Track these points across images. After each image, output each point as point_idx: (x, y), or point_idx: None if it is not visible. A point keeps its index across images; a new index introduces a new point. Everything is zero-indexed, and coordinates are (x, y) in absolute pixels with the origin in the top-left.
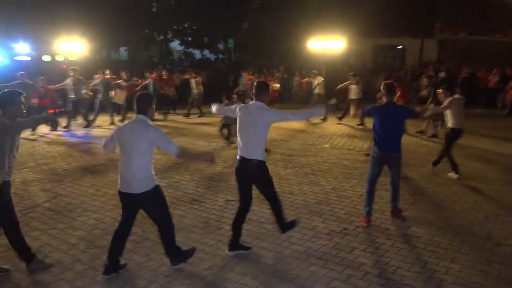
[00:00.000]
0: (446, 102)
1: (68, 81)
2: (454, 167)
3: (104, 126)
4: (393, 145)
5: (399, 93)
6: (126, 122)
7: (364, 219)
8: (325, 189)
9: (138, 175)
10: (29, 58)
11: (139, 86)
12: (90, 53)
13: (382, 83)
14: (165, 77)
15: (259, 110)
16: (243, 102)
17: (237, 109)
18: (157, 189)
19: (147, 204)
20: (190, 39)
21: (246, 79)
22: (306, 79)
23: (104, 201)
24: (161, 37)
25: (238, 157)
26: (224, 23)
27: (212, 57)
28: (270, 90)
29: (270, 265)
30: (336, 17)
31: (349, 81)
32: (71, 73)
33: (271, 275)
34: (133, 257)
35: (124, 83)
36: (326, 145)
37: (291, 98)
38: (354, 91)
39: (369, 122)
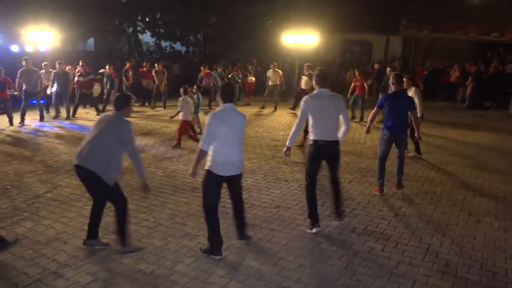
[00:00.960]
0: (412, 92)
1: (19, 72)
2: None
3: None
4: (401, 127)
5: (359, 83)
6: (217, 112)
7: (377, 188)
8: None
9: (242, 157)
10: None
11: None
12: (61, 43)
13: (392, 73)
14: (144, 69)
15: (334, 96)
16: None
17: (307, 99)
18: None
19: (239, 182)
20: (162, 31)
21: (203, 73)
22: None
23: None
24: (131, 28)
25: (317, 141)
26: (194, 15)
27: (182, 49)
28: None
29: (283, 244)
30: (306, 13)
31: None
32: (23, 63)
33: (287, 253)
34: (152, 241)
35: (81, 78)
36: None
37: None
38: (304, 82)
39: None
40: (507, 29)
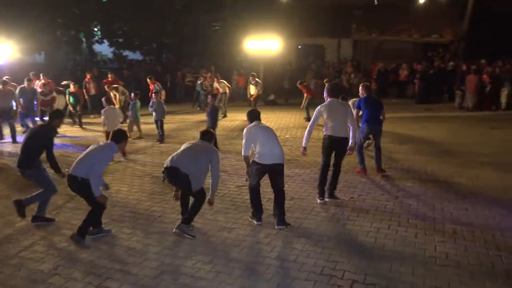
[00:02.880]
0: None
1: None
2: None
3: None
4: (378, 121)
5: (305, 90)
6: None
7: (360, 170)
8: (315, 170)
9: (282, 151)
10: None
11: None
12: (21, 55)
13: (362, 84)
14: (110, 80)
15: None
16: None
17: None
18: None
19: (281, 173)
20: (121, 40)
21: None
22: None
23: (125, 196)
24: (84, 39)
25: (331, 135)
26: (150, 24)
27: (138, 58)
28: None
29: (313, 228)
30: (258, 19)
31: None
32: (0, 86)
33: (320, 235)
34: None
35: (42, 97)
36: (287, 136)
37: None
38: (253, 90)
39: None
40: (445, 31)
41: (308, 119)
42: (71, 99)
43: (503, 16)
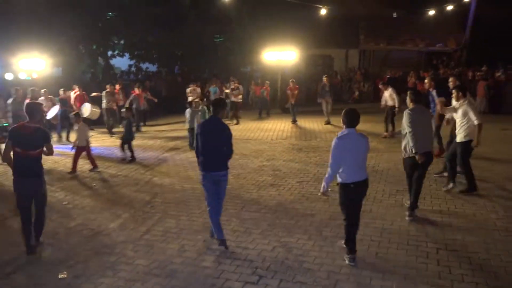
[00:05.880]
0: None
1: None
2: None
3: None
4: None
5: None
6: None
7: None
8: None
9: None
10: None
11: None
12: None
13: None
14: (137, 92)
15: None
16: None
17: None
18: None
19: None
20: (142, 52)
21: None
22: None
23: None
24: (108, 52)
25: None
26: (168, 36)
27: (153, 70)
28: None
29: (383, 213)
30: (267, 32)
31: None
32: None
33: (395, 216)
34: (288, 221)
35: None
36: (318, 139)
37: (249, 105)
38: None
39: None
40: (448, 40)
41: (294, 121)
42: None
43: (502, 25)
